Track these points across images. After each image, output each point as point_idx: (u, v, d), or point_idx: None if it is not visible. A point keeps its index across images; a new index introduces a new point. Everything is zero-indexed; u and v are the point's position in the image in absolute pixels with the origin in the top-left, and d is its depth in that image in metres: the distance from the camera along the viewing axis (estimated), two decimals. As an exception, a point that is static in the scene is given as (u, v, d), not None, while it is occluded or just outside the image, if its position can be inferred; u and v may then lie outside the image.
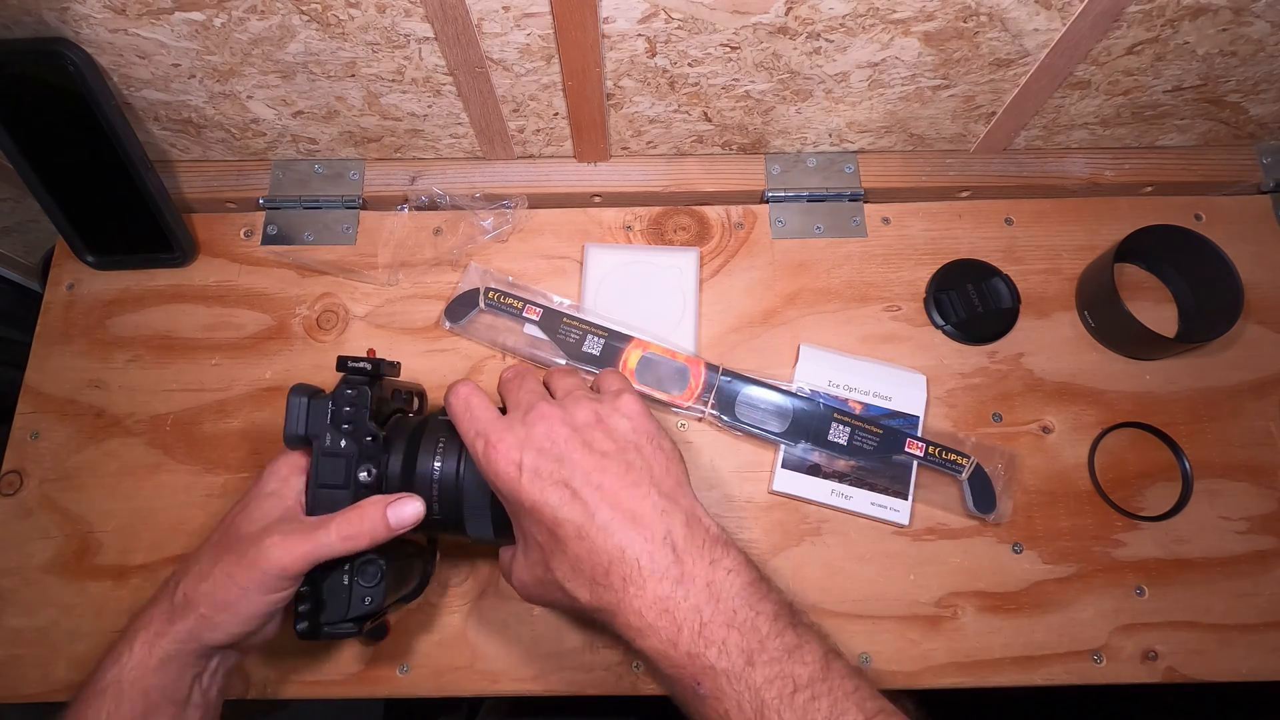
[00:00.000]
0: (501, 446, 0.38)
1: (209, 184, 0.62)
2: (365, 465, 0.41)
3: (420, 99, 0.55)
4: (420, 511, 0.40)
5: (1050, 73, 0.53)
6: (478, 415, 0.40)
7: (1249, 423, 0.57)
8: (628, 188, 0.62)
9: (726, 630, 0.34)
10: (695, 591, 0.34)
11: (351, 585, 0.40)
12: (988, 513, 0.53)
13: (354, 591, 0.40)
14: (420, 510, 0.41)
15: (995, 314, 0.59)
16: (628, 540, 0.35)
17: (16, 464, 0.56)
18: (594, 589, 0.36)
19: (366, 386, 0.42)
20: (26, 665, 0.51)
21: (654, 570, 0.35)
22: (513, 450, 0.38)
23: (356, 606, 0.40)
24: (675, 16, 0.48)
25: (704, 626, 0.34)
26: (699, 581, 0.35)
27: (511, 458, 0.38)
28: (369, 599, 0.40)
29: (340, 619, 0.40)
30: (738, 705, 0.33)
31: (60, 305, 0.60)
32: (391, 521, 0.39)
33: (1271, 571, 0.53)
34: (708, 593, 0.34)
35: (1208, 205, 0.63)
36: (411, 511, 0.40)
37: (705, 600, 0.34)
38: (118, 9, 0.46)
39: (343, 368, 0.43)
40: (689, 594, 0.34)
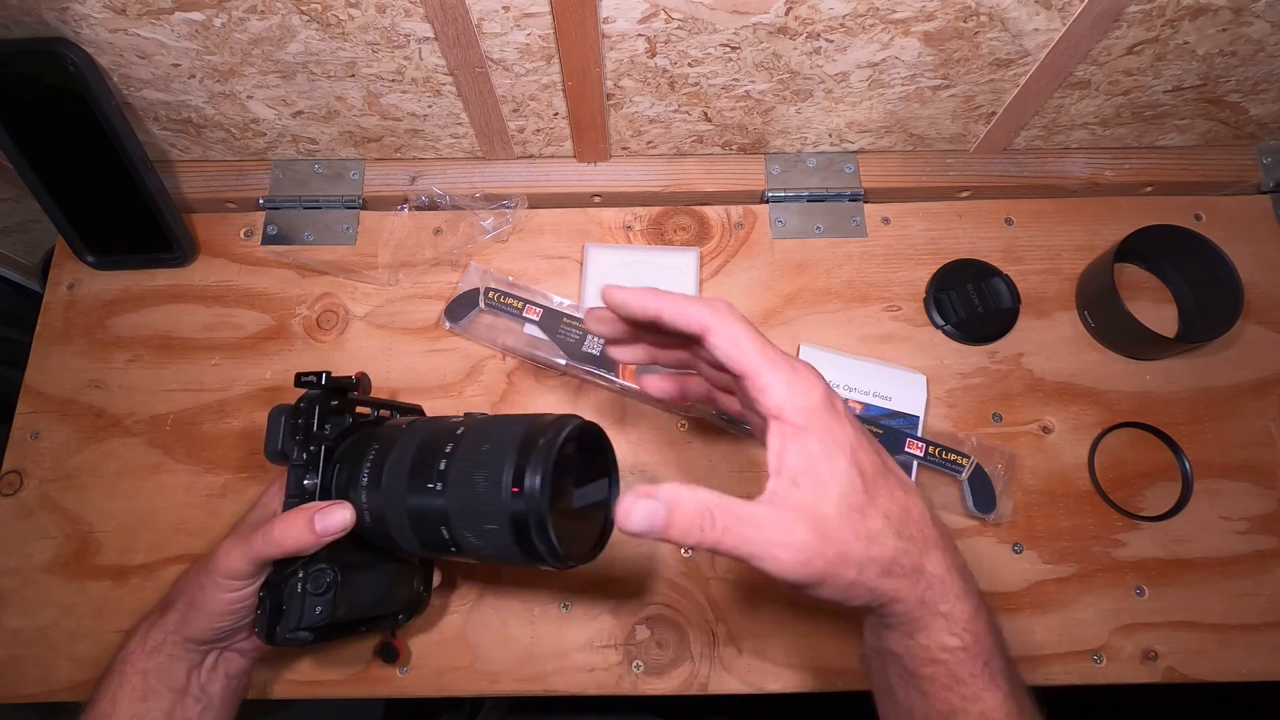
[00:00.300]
0: (812, 373, 0.35)
1: (209, 184, 0.62)
2: (310, 474, 0.43)
3: (420, 99, 0.55)
4: (347, 519, 0.40)
5: (1050, 73, 0.53)
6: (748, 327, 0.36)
7: (1249, 423, 0.57)
8: (628, 188, 0.62)
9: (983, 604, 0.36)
10: (966, 571, 0.36)
11: (304, 593, 0.41)
12: (988, 513, 0.53)
13: (306, 600, 0.41)
14: (347, 517, 0.40)
15: (995, 314, 0.59)
16: (933, 519, 0.36)
17: (16, 464, 0.56)
18: (915, 567, 0.34)
19: (315, 400, 0.44)
20: (26, 665, 0.51)
21: (949, 551, 0.36)
22: (820, 382, 0.35)
23: (309, 615, 0.40)
24: (675, 16, 0.48)
25: (983, 604, 0.36)
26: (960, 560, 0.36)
27: (827, 389, 0.35)
28: (319, 608, 0.41)
29: (295, 626, 0.40)
30: (1010, 682, 0.35)
31: (60, 305, 0.60)
32: (317, 527, 0.39)
33: (1271, 571, 0.53)
34: (966, 571, 0.36)
35: (1208, 205, 0.63)
36: (338, 519, 0.40)
37: (969, 576, 0.36)
38: (118, 9, 0.46)
39: (298, 383, 0.45)
40: (965, 572, 0.36)
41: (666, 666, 0.51)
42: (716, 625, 0.52)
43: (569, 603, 0.52)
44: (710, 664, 0.51)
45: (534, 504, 0.36)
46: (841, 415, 0.34)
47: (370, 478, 0.42)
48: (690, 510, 0.32)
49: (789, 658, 0.51)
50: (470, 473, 0.38)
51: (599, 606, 0.52)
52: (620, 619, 0.52)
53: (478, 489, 0.37)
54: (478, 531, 0.38)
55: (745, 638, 0.51)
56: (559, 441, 0.37)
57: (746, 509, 0.32)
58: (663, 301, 0.35)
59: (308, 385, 0.45)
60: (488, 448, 0.38)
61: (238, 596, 0.41)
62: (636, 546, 0.54)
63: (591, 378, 0.57)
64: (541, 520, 0.36)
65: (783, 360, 0.34)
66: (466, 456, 0.39)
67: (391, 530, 0.41)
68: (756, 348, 0.34)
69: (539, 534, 0.36)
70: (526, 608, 0.52)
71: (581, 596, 0.52)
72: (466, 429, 0.40)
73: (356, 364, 0.58)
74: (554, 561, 0.37)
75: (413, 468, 0.40)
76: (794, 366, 0.34)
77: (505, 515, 0.36)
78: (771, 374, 0.34)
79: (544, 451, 0.36)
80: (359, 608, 0.43)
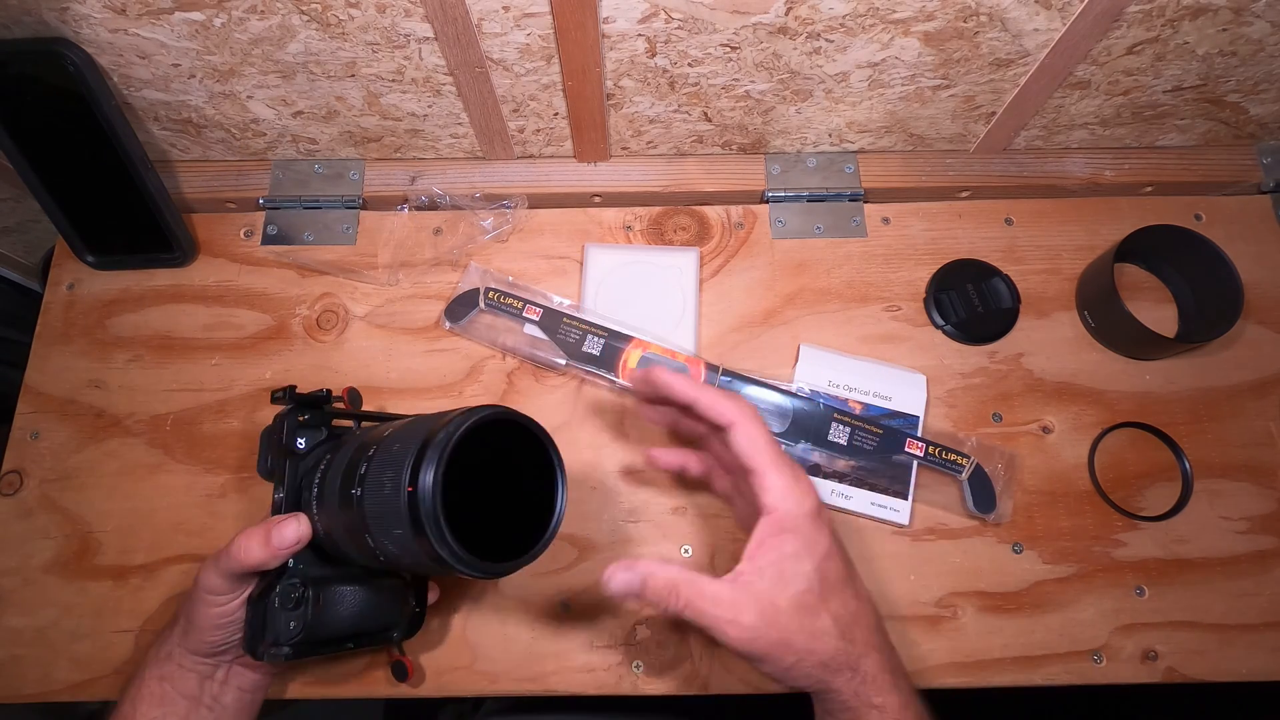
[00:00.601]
0: (809, 483, 0.41)
1: (209, 184, 0.62)
2: (279, 489, 0.43)
3: (420, 99, 0.55)
4: (301, 531, 0.41)
5: (1050, 73, 0.53)
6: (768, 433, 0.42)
7: (1249, 423, 0.57)
8: (628, 188, 0.62)
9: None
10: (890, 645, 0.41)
11: (277, 609, 0.41)
12: (988, 513, 0.53)
13: (280, 616, 0.41)
14: (300, 530, 0.41)
15: (995, 314, 0.59)
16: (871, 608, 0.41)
17: (16, 464, 0.56)
18: (866, 648, 0.40)
19: (283, 416, 0.44)
20: (26, 665, 0.51)
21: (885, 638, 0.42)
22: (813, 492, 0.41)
23: (283, 631, 0.41)
24: (675, 16, 0.48)
25: (899, 672, 0.41)
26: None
27: (818, 500, 0.41)
28: (292, 623, 0.41)
29: (274, 642, 0.41)
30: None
31: (60, 305, 0.60)
32: (273, 541, 0.40)
33: (1271, 571, 0.53)
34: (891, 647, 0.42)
35: (1208, 205, 0.63)
36: (291, 532, 0.40)
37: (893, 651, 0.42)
38: (118, 9, 0.46)
39: (272, 400, 0.46)
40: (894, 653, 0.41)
41: (666, 666, 0.51)
42: (716, 625, 0.52)
43: (569, 603, 0.52)
44: (710, 664, 0.51)
45: (427, 503, 0.33)
46: (824, 526, 0.40)
47: (318, 489, 0.42)
48: (660, 584, 0.38)
49: (789, 658, 0.51)
50: (380, 475, 0.37)
51: (599, 606, 0.52)
52: (620, 619, 0.52)
53: (385, 491, 0.36)
54: (390, 537, 0.36)
55: (745, 638, 0.51)
56: (458, 434, 0.34)
57: (709, 587, 0.38)
58: (700, 393, 0.43)
59: (277, 401, 0.45)
60: (398, 447, 0.36)
61: (223, 611, 0.42)
62: (637, 547, 0.54)
63: (591, 377, 0.57)
64: (435, 519, 0.33)
65: (788, 467, 0.41)
66: (381, 458, 0.37)
67: (339, 542, 0.41)
68: (769, 451, 0.41)
69: (435, 535, 0.34)
70: (526, 608, 0.52)
71: (581, 596, 0.52)
72: (395, 430, 0.39)
73: (356, 364, 0.58)
74: (464, 567, 0.35)
75: (344, 475, 0.40)
76: (796, 475, 0.41)
77: (405, 517, 0.34)
78: (776, 477, 0.40)
79: (440, 446, 0.34)
80: (339, 624, 0.43)
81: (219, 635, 0.42)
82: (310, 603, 0.41)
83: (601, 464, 0.56)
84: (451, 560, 0.35)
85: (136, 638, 0.52)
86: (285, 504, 0.43)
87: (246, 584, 0.42)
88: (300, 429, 0.44)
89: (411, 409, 0.57)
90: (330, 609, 0.42)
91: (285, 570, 0.42)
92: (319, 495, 0.42)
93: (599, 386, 0.58)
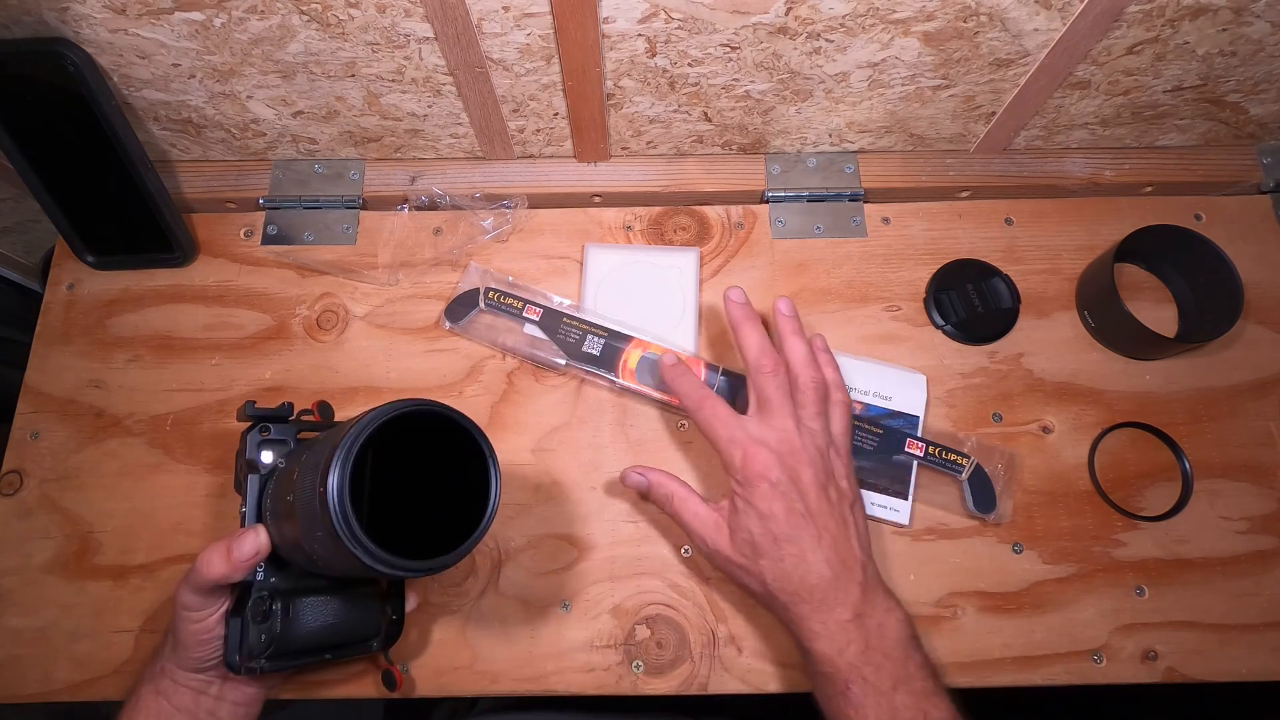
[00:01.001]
0: (759, 457, 0.46)
1: (209, 184, 0.62)
2: (243, 502, 0.43)
3: (420, 99, 0.55)
4: (259, 543, 0.41)
5: (1050, 73, 0.53)
6: (722, 415, 0.48)
7: (1249, 423, 0.57)
8: (628, 188, 0.62)
9: (883, 659, 0.43)
10: (870, 625, 0.44)
11: (248, 622, 0.41)
12: (988, 513, 0.53)
13: (251, 629, 0.41)
14: (258, 541, 0.41)
15: (995, 314, 0.59)
16: (835, 576, 0.44)
17: (16, 464, 0.56)
18: (793, 597, 0.44)
19: (244, 433, 0.44)
20: (26, 665, 0.51)
21: (846, 602, 0.44)
22: (770, 467, 0.46)
23: (255, 644, 0.41)
24: (675, 16, 0.48)
25: (868, 650, 0.43)
26: (874, 619, 0.44)
27: (767, 472, 0.46)
28: (263, 636, 0.41)
29: (249, 656, 0.41)
30: (876, 715, 0.41)
31: (60, 305, 0.60)
32: (233, 554, 0.40)
33: (1271, 571, 0.53)
34: (878, 630, 0.44)
35: (1208, 205, 0.63)
36: (250, 544, 0.40)
37: (875, 634, 0.43)
38: (118, 9, 0.46)
39: (238, 418, 0.45)
40: (864, 625, 0.43)
41: (666, 666, 0.51)
42: (716, 625, 0.52)
43: (569, 602, 0.52)
44: (710, 664, 0.51)
45: (334, 501, 0.33)
46: (778, 491, 0.46)
47: (270, 500, 0.42)
48: (662, 491, 0.50)
49: (789, 658, 0.51)
50: (304, 478, 0.36)
51: (599, 606, 0.52)
52: (620, 619, 0.52)
53: (305, 494, 0.35)
54: (316, 540, 0.35)
55: (745, 638, 0.52)
56: (365, 432, 0.34)
57: (697, 505, 0.49)
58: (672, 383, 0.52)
59: (240, 418, 0.45)
60: (320, 448, 0.36)
61: (202, 627, 0.42)
62: (637, 546, 0.54)
63: (591, 377, 0.57)
64: (345, 518, 0.33)
65: (731, 447, 0.47)
66: (307, 460, 0.37)
67: (289, 551, 0.41)
68: (716, 436, 0.49)
69: (346, 534, 0.33)
70: (526, 608, 0.52)
71: (581, 596, 0.52)
72: (328, 432, 0.38)
73: (356, 364, 0.58)
74: (383, 566, 0.34)
75: (283, 483, 0.39)
76: (749, 443, 0.47)
77: (318, 518, 0.34)
78: (723, 453, 0.48)
79: (346, 444, 0.33)
80: (312, 635, 0.43)
81: (204, 651, 0.42)
82: (278, 615, 0.41)
83: (601, 464, 0.56)
84: (369, 560, 0.33)
85: (136, 638, 0.52)
86: (248, 518, 0.43)
87: (220, 599, 0.42)
88: (264, 444, 0.44)
89: (411, 409, 0.57)
90: (300, 620, 0.42)
91: (255, 584, 0.42)
92: (272, 507, 0.42)
93: (599, 386, 0.58)
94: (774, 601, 0.46)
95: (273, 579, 0.42)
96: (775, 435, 0.46)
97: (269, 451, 0.44)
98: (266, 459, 0.44)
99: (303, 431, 0.46)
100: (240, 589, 0.42)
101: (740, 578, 0.47)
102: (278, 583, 0.42)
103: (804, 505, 0.45)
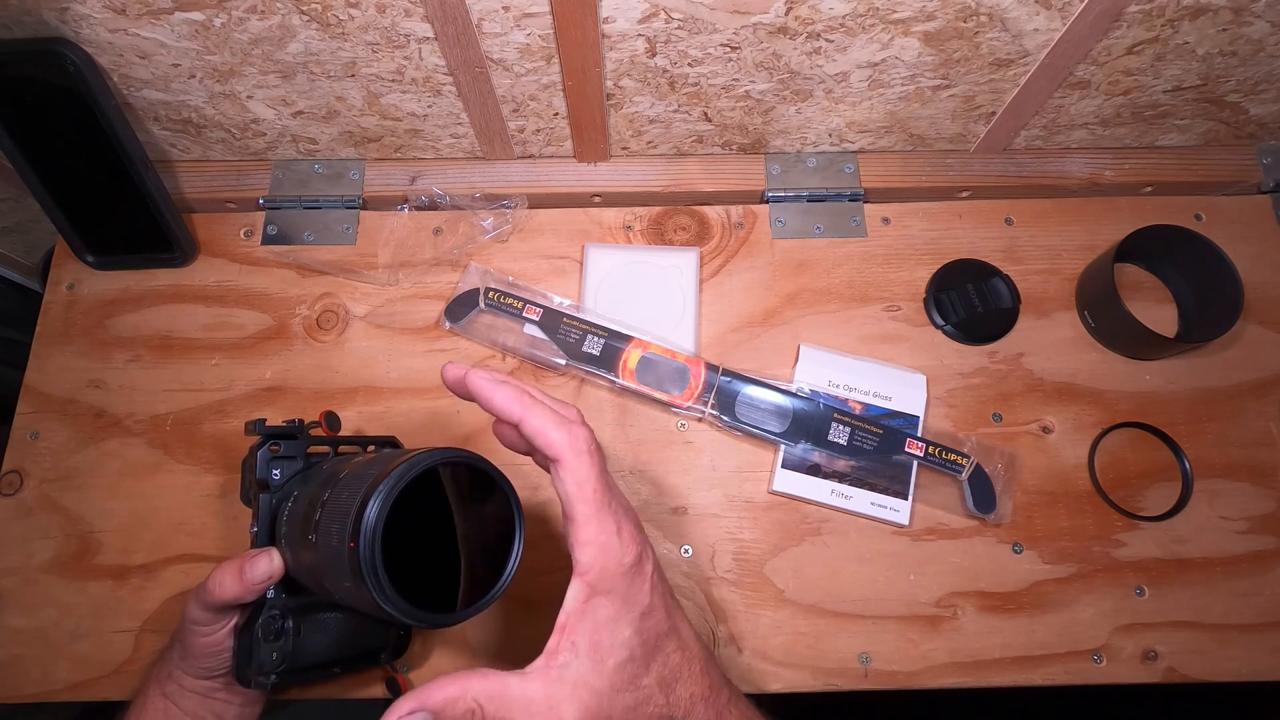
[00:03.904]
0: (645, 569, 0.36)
1: (209, 184, 0.62)
2: (255, 521, 0.43)
3: (420, 99, 0.55)
4: (273, 567, 0.40)
5: (1050, 73, 0.53)
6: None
7: (1249, 423, 0.57)
8: (628, 188, 0.62)
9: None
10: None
11: (259, 640, 0.41)
12: (988, 513, 0.53)
13: (262, 647, 0.41)
14: (272, 565, 0.40)
15: (995, 314, 0.59)
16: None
17: (16, 464, 0.56)
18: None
19: (254, 449, 0.44)
20: (26, 665, 0.51)
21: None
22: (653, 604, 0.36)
23: (266, 661, 0.41)
24: (675, 16, 0.48)
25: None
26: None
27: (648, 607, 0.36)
28: (275, 654, 0.41)
29: (259, 672, 0.41)
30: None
31: (60, 305, 0.60)
32: (246, 577, 0.40)
33: (1271, 571, 0.53)
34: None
35: (1208, 205, 0.63)
36: (263, 568, 0.40)
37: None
38: (118, 9, 0.46)
39: (246, 431, 0.45)
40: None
41: (666, 666, 0.51)
42: (717, 625, 0.52)
43: (569, 603, 0.52)
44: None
45: (367, 558, 0.32)
46: (644, 577, 0.35)
47: (285, 526, 0.41)
48: (460, 711, 0.32)
49: (789, 658, 0.51)
50: (329, 524, 0.35)
51: (599, 606, 0.52)
52: (620, 619, 0.52)
53: (333, 543, 0.34)
54: (341, 587, 0.35)
55: (745, 638, 0.51)
56: (400, 483, 0.33)
57: (519, 692, 0.33)
58: (528, 413, 0.35)
59: (250, 434, 0.44)
60: (346, 495, 0.35)
61: (210, 641, 0.42)
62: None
63: (591, 377, 0.57)
64: (375, 573, 0.32)
65: (610, 515, 0.35)
66: (331, 506, 0.36)
67: (305, 579, 0.40)
68: (595, 500, 0.34)
69: (377, 590, 0.32)
70: (527, 607, 0.52)
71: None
72: (349, 472, 0.37)
73: (356, 364, 0.58)
74: (410, 620, 0.33)
75: (302, 520, 0.39)
76: (620, 524, 0.35)
77: (348, 571, 0.33)
78: (595, 530, 0.34)
79: (382, 495, 0.32)
80: (323, 650, 0.43)
81: (211, 662, 0.42)
82: (290, 634, 0.41)
83: (601, 464, 0.56)
84: (397, 614, 0.33)
85: (136, 638, 0.52)
86: (260, 537, 0.43)
87: (230, 615, 0.42)
88: (274, 460, 0.44)
89: (412, 409, 0.57)
90: (312, 636, 0.42)
91: (266, 601, 0.42)
92: (287, 533, 0.41)
93: (599, 386, 0.58)
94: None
95: (284, 596, 0.42)
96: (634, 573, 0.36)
97: (277, 469, 0.44)
98: (276, 475, 0.44)
99: (312, 446, 0.45)
100: (251, 604, 0.42)
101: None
102: (289, 600, 0.42)
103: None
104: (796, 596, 0.53)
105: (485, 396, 0.35)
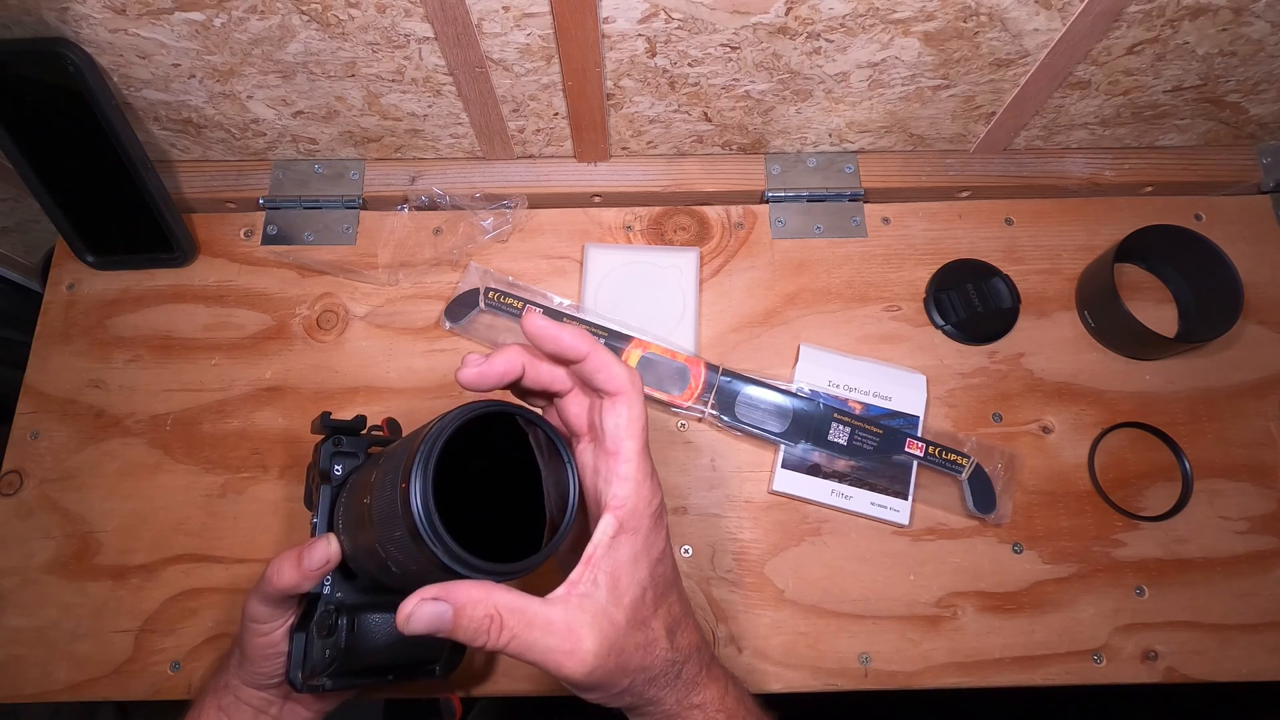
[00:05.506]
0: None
1: (209, 184, 0.62)
2: (316, 513, 0.43)
3: (420, 99, 0.55)
4: (330, 550, 0.40)
5: (1050, 73, 0.53)
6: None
7: (1249, 423, 0.57)
8: (628, 188, 0.62)
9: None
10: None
11: (313, 638, 0.41)
12: (988, 513, 0.53)
13: (315, 645, 0.40)
14: (329, 549, 0.40)
15: (995, 314, 0.59)
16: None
17: (16, 464, 0.56)
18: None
19: (319, 444, 0.44)
20: (26, 665, 0.51)
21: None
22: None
23: (319, 660, 0.40)
24: (675, 16, 0.48)
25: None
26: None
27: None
28: (328, 651, 0.41)
29: (312, 673, 0.40)
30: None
31: (60, 305, 0.60)
32: (304, 563, 0.39)
33: (1271, 571, 0.53)
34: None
35: (1208, 205, 0.63)
36: (320, 552, 0.40)
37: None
38: (118, 9, 0.46)
39: (313, 429, 0.45)
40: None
41: (666, 666, 0.51)
42: (717, 625, 0.52)
43: (569, 603, 0.52)
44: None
45: (417, 498, 0.32)
46: (663, 526, 0.37)
47: (343, 508, 0.41)
48: (479, 614, 0.32)
49: (789, 658, 0.51)
50: (384, 478, 0.35)
51: (599, 606, 0.52)
52: (620, 619, 0.52)
53: (386, 493, 0.34)
54: (394, 542, 0.34)
55: (745, 637, 0.51)
56: (449, 429, 0.33)
57: (540, 612, 0.33)
58: (595, 348, 0.36)
59: (315, 430, 0.45)
60: (399, 448, 0.35)
61: (269, 640, 0.41)
62: (636, 546, 0.53)
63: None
64: (428, 517, 0.31)
65: (646, 463, 0.36)
66: (386, 463, 0.36)
67: (361, 560, 0.40)
68: (642, 438, 0.36)
69: (428, 533, 0.32)
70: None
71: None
72: (402, 440, 0.37)
73: (356, 364, 0.58)
74: (464, 569, 0.32)
75: (359, 486, 0.39)
76: (651, 473, 0.37)
77: (399, 516, 0.33)
78: (636, 467, 0.35)
79: (430, 440, 0.32)
80: (376, 653, 0.42)
81: (269, 666, 0.42)
82: (343, 630, 0.41)
83: (601, 464, 0.56)
84: (449, 561, 0.32)
85: (136, 638, 0.52)
86: (319, 529, 0.42)
87: (287, 611, 0.41)
88: (337, 455, 0.44)
89: (412, 409, 0.57)
90: (366, 637, 0.42)
91: (321, 597, 0.41)
92: (344, 514, 0.41)
93: (599, 386, 0.58)
94: (670, 675, 0.38)
95: (339, 593, 0.42)
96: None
97: (339, 464, 0.44)
98: (338, 470, 0.44)
99: (373, 446, 0.46)
100: (306, 603, 0.42)
101: (625, 679, 0.36)
102: (344, 597, 0.42)
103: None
104: (796, 596, 0.53)
105: (553, 335, 0.36)
